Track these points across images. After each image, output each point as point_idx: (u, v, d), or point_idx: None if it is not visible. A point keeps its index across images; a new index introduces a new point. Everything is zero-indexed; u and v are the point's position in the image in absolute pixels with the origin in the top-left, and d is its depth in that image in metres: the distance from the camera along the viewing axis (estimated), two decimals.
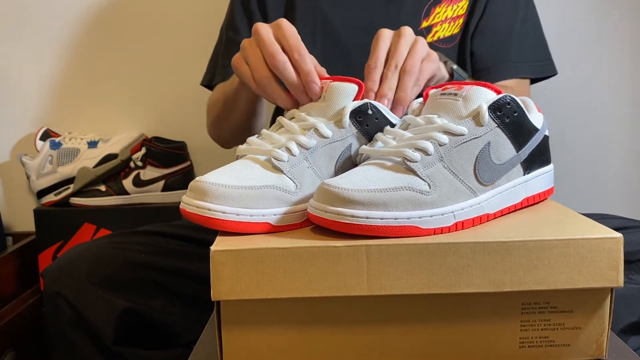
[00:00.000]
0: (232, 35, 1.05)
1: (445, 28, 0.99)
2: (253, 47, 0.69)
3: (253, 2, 1.05)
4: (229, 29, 1.07)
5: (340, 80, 0.64)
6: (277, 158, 0.58)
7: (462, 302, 0.54)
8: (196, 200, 0.55)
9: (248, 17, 1.05)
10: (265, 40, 0.67)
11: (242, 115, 0.91)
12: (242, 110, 0.90)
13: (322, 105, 0.64)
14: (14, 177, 1.43)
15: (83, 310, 0.81)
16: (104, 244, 0.88)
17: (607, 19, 1.34)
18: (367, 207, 0.51)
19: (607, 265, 0.52)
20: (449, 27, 0.99)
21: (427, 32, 1.00)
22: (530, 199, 0.63)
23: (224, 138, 1.05)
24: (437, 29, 0.99)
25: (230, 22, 1.07)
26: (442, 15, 1.00)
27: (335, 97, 0.63)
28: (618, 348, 0.57)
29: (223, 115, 0.97)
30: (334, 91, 0.63)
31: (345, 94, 0.63)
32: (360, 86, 0.63)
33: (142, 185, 1.33)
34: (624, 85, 1.36)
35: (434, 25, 0.99)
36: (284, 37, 0.67)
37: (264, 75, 0.68)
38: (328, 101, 0.63)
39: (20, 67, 1.41)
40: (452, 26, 1.00)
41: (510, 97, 0.57)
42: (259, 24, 0.69)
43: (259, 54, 0.68)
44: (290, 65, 0.66)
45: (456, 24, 1.00)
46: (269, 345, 0.54)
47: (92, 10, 1.39)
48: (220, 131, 1.03)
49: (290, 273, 0.51)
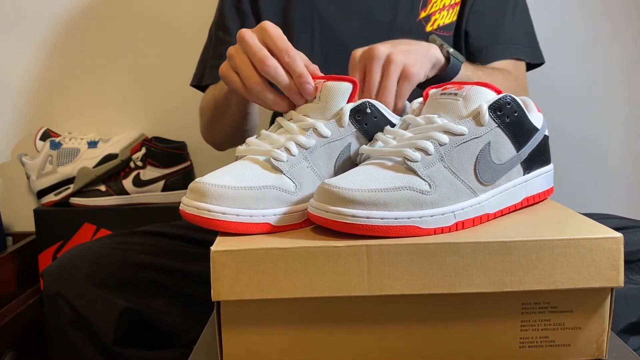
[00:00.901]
0: (222, 35, 1.04)
1: (444, 15, 0.99)
2: (240, 55, 0.68)
3: (245, 2, 1.03)
4: (218, 29, 1.05)
5: (334, 80, 0.64)
6: (276, 158, 0.58)
7: (462, 302, 0.54)
8: (196, 202, 0.55)
9: (239, 17, 1.04)
10: (252, 46, 0.66)
11: (233, 118, 0.91)
12: (234, 114, 0.90)
13: (318, 106, 0.63)
14: (14, 177, 1.43)
15: (83, 311, 0.81)
16: (104, 244, 0.88)
17: (607, 19, 1.34)
18: (368, 207, 0.51)
19: (607, 265, 0.52)
20: (447, 14, 0.99)
21: (426, 22, 0.99)
22: (530, 199, 0.63)
23: (217, 141, 1.04)
24: (436, 17, 0.99)
25: (220, 21, 1.05)
26: (439, 4, 1.00)
27: (331, 97, 0.63)
28: (618, 348, 0.57)
29: (215, 119, 0.96)
30: (328, 91, 0.63)
31: (341, 93, 0.63)
32: (354, 84, 0.63)
33: (142, 185, 1.33)
34: (623, 86, 1.36)
35: (432, 14, 0.99)
36: (271, 40, 0.66)
37: (255, 81, 0.67)
38: (324, 101, 0.63)
39: (20, 67, 1.41)
40: (450, 13, 1.00)
41: (511, 97, 0.57)
42: (243, 30, 0.68)
43: (247, 61, 0.67)
44: (281, 69, 0.65)
45: (454, 12, 1.00)
46: (269, 345, 0.54)
47: (92, 10, 1.39)
48: (213, 134, 1.03)
49: (290, 273, 0.51)
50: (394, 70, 0.70)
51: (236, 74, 0.69)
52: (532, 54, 1.04)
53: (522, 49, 1.02)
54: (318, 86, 0.64)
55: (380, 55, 0.70)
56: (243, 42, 0.67)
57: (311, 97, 0.65)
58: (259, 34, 0.67)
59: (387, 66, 0.70)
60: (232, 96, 0.83)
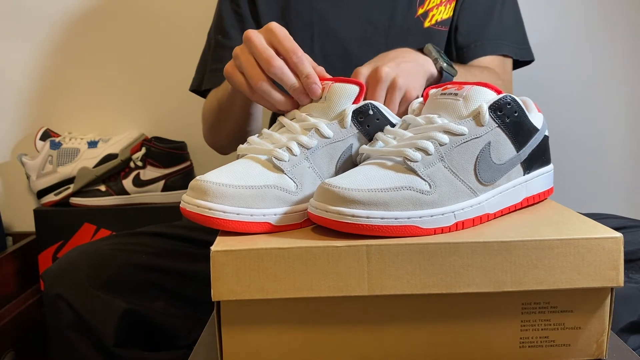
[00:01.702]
0: (221, 39, 1.03)
1: (442, 11, 1.00)
2: (246, 55, 0.68)
3: (244, 5, 1.03)
4: (217, 33, 1.05)
5: (342, 81, 0.64)
6: (278, 158, 0.58)
7: (462, 302, 0.54)
8: (196, 200, 0.55)
9: (238, 20, 1.03)
10: (259, 47, 0.66)
11: (237, 119, 0.91)
12: (238, 115, 0.90)
13: (323, 105, 0.64)
14: (14, 177, 1.43)
15: (84, 313, 0.80)
16: (104, 246, 0.87)
17: (607, 18, 1.34)
18: (368, 207, 0.51)
19: (607, 265, 0.52)
20: (445, 9, 1.00)
21: (424, 18, 1.00)
22: (530, 199, 0.63)
23: (220, 143, 1.04)
24: (434, 12, 1.00)
25: (219, 25, 1.05)
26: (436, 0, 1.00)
27: (337, 98, 0.63)
28: (618, 348, 0.57)
29: (218, 121, 0.96)
30: (335, 92, 0.63)
31: (347, 95, 0.63)
32: (361, 87, 0.63)
33: (142, 185, 1.33)
34: (624, 86, 1.36)
35: (429, 10, 1.00)
36: (278, 41, 0.66)
37: (261, 82, 0.67)
38: (329, 102, 0.63)
39: (20, 67, 1.41)
40: (447, 9, 1.00)
41: (511, 97, 0.57)
42: (250, 31, 0.68)
43: (252, 61, 0.67)
44: (288, 69, 0.65)
45: (451, 7, 1.01)
46: (269, 345, 0.54)
47: (92, 11, 1.39)
48: (217, 137, 1.02)
49: (290, 273, 0.51)
50: (397, 96, 0.72)
51: (241, 74, 0.69)
52: (520, 51, 1.04)
53: (509, 45, 1.02)
54: (324, 87, 0.65)
55: (386, 79, 0.71)
56: (249, 42, 0.67)
57: (317, 98, 0.65)
58: (266, 35, 0.67)
59: (391, 92, 0.71)
60: (236, 97, 0.83)
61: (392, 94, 0.71)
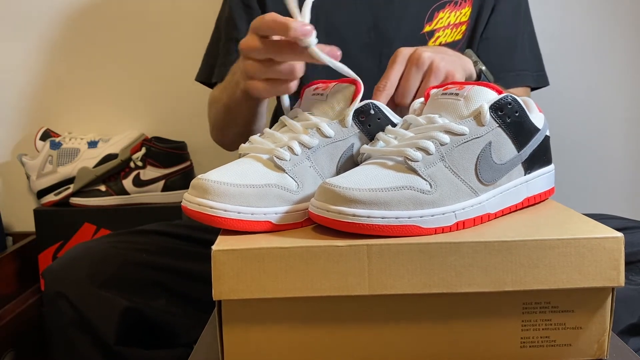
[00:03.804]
0: (230, 32, 1.03)
1: (448, 34, 1.00)
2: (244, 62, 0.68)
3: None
4: (225, 25, 1.05)
5: (343, 82, 0.64)
6: (279, 157, 0.58)
7: (463, 302, 0.54)
8: (198, 198, 0.55)
9: (247, 13, 1.03)
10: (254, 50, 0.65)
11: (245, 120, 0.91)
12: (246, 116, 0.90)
13: (324, 105, 0.64)
14: (14, 177, 1.43)
15: (84, 311, 0.80)
16: (105, 244, 0.87)
17: (607, 19, 1.34)
18: (369, 207, 0.51)
19: (608, 265, 0.52)
20: (451, 33, 1.00)
21: (429, 37, 1.00)
22: (531, 199, 0.63)
23: (228, 142, 1.04)
24: (440, 34, 1.00)
25: (227, 17, 1.04)
26: (445, 21, 1.00)
27: (338, 98, 0.63)
28: (619, 348, 0.57)
29: (226, 122, 0.96)
30: (336, 91, 0.64)
31: (348, 95, 0.63)
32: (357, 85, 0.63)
33: (142, 185, 1.33)
34: (624, 86, 1.36)
35: (436, 30, 0.99)
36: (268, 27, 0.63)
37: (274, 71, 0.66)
38: (330, 101, 0.64)
39: (20, 67, 1.41)
40: (454, 32, 1.00)
41: (512, 97, 0.58)
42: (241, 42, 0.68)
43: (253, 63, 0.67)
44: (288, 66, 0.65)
45: (459, 30, 1.00)
46: (270, 344, 0.54)
47: (92, 10, 1.39)
48: (225, 137, 1.03)
49: (291, 272, 0.51)
50: (434, 78, 0.71)
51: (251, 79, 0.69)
52: (540, 80, 1.06)
53: (531, 76, 1.04)
54: (327, 86, 0.65)
55: (425, 62, 0.71)
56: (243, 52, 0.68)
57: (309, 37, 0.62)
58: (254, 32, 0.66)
59: (429, 73, 0.71)
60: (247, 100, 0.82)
61: (429, 76, 0.71)
